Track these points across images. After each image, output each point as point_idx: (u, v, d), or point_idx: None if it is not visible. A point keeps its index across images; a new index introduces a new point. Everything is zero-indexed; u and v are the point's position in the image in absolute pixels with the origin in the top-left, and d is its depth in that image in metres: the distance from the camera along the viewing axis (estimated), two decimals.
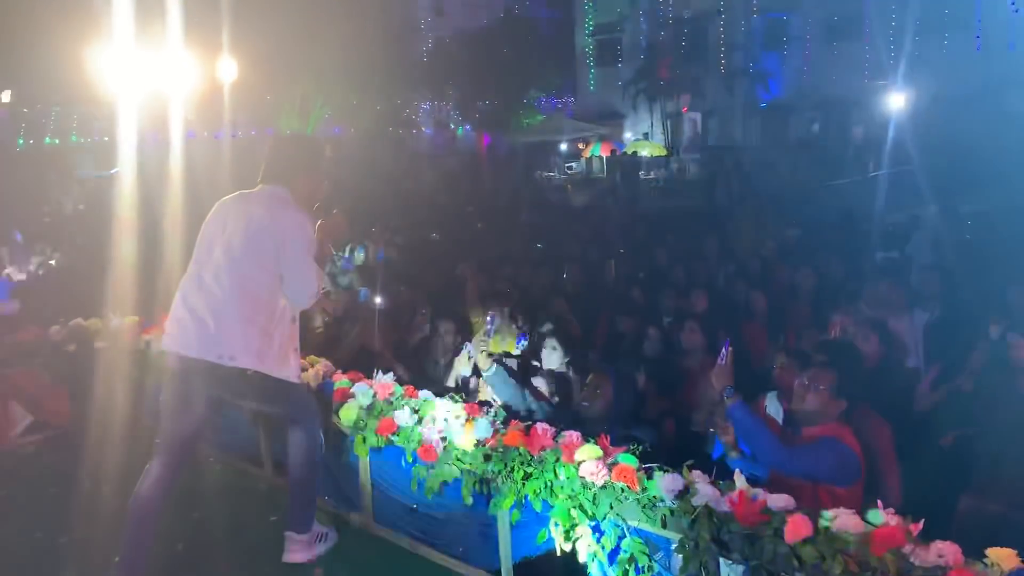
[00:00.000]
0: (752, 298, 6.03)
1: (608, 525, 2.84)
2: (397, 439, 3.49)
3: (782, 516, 2.43)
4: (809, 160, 22.29)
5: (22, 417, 4.95)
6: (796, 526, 2.37)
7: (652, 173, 24.68)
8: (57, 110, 22.51)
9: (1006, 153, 15.04)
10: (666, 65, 28.21)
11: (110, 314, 5.07)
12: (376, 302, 5.43)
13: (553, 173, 27.28)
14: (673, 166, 25.55)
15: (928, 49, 22.85)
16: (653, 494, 2.71)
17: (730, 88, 28.05)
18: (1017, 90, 20.84)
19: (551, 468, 2.98)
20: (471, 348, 4.22)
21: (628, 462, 2.83)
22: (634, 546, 2.75)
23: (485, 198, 16.63)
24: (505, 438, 3.17)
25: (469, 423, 3.31)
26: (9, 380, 4.92)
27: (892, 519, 2.33)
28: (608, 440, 3.00)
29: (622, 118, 30.94)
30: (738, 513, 2.50)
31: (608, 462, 2.88)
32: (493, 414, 3.37)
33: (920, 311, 5.18)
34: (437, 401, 3.54)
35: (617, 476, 2.79)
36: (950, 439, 3.98)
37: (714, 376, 3.31)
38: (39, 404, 4.99)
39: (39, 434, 4.95)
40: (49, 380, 5.05)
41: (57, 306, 5.70)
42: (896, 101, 22.23)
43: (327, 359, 4.19)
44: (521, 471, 3.06)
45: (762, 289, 6.14)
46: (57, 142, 22.62)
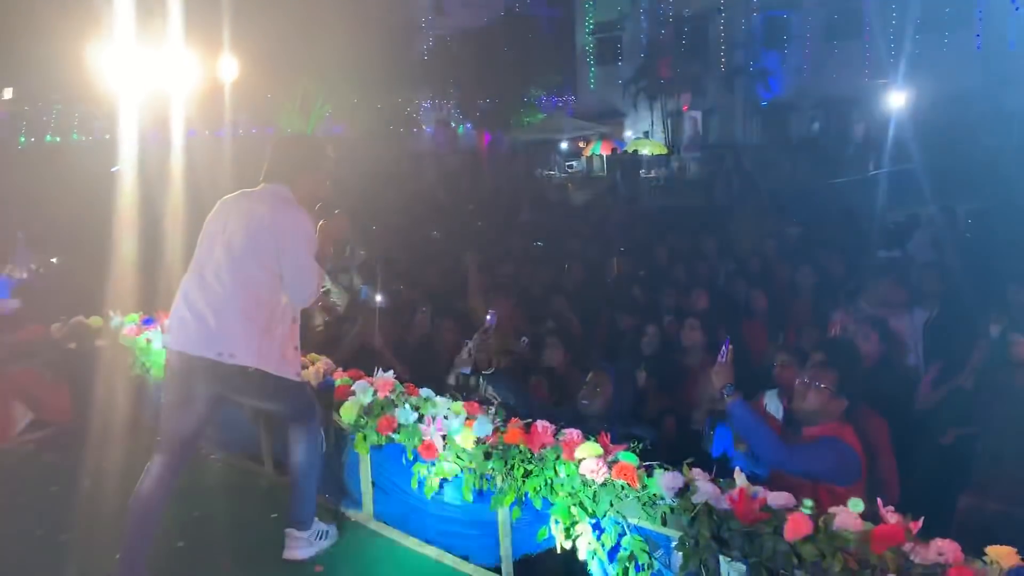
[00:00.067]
0: (752, 296, 6.03)
1: (608, 523, 2.84)
2: (398, 437, 3.49)
3: (782, 514, 2.44)
4: (809, 159, 22.30)
5: (23, 415, 4.93)
6: (796, 524, 2.37)
7: (652, 172, 24.68)
8: (58, 108, 22.55)
9: (1006, 152, 15.04)
10: (666, 64, 28.26)
11: (111, 312, 5.07)
12: (376, 300, 5.44)
13: (554, 171, 27.27)
14: (673, 165, 25.56)
15: (928, 48, 22.86)
16: (653, 492, 2.71)
17: (730, 87, 28.08)
18: (1017, 89, 20.84)
19: (551, 466, 2.98)
20: (472, 346, 4.23)
21: (628, 460, 2.83)
22: (634, 544, 2.75)
23: (486, 196, 16.60)
24: (505, 436, 3.17)
25: (469, 421, 3.32)
26: (10, 378, 4.90)
27: (892, 517, 2.33)
28: (608, 438, 3.00)
29: (622, 117, 30.98)
30: (738, 511, 2.50)
31: (608, 460, 2.88)
32: (493, 412, 3.37)
33: (920, 309, 5.17)
34: (438, 399, 3.55)
35: (617, 474, 2.79)
36: (950, 437, 3.99)
37: (714, 374, 3.31)
38: (40, 402, 4.98)
39: (40, 432, 4.94)
40: (50, 378, 5.04)
41: (58, 304, 5.69)
42: (896, 100, 22.26)
43: (327, 357, 4.19)
44: (521, 469, 3.06)
45: (762, 287, 6.14)
46: (58, 140, 22.64)
